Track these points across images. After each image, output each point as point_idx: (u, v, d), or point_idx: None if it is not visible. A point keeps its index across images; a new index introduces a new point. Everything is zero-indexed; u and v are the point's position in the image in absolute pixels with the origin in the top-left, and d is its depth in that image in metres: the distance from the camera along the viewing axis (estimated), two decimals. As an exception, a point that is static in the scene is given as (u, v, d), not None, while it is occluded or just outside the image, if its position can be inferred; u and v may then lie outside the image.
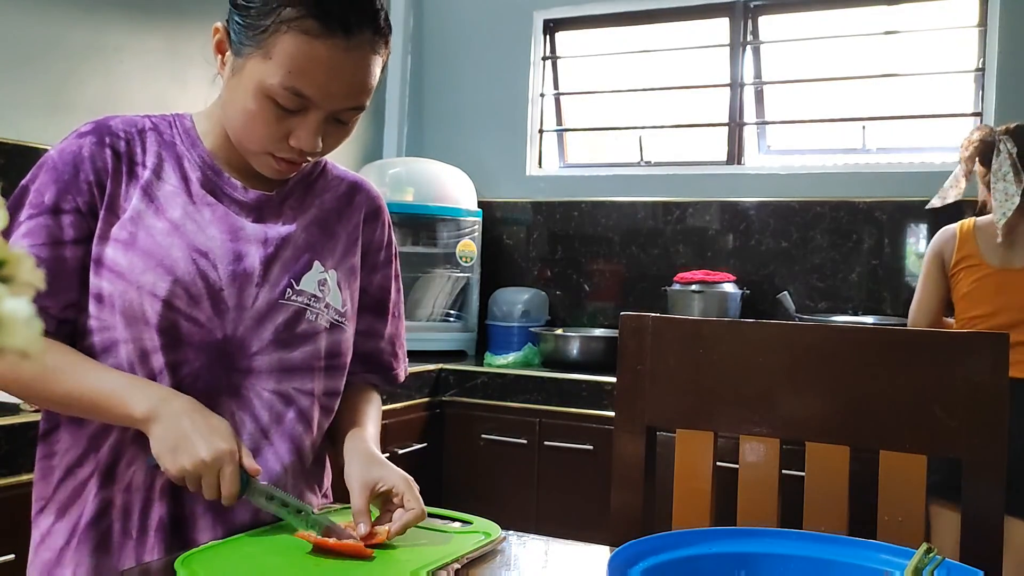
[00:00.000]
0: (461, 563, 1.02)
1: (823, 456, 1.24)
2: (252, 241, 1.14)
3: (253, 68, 1.05)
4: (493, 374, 2.91)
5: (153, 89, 2.67)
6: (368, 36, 1.05)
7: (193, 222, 1.12)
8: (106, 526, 1.10)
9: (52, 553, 1.11)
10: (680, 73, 3.50)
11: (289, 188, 1.21)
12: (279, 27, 1.02)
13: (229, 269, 1.12)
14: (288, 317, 1.15)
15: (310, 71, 1.03)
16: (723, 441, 1.31)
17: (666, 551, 0.92)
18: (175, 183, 1.14)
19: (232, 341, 1.11)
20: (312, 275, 1.18)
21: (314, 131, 1.08)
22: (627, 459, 1.33)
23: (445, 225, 3.32)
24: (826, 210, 3.12)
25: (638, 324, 1.35)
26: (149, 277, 1.08)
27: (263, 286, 1.14)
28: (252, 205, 1.17)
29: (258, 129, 1.08)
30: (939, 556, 0.85)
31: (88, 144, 1.11)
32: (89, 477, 1.10)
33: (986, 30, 2.97)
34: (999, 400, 1.15)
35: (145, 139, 1.15)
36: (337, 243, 1.23)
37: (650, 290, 3.33)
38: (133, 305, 1.07)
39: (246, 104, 1.07)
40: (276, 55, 1.03)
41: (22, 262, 0.44)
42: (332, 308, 1.20)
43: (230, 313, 1.11)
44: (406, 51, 3.72)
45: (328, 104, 1.06)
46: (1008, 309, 2.27)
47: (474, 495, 2.86)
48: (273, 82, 1.04)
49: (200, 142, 1.17)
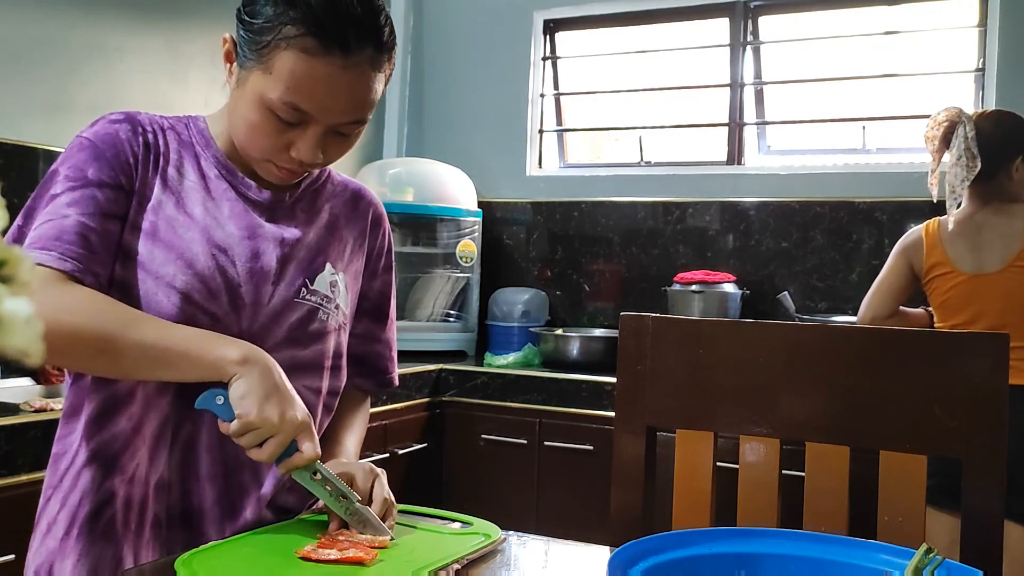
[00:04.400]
0: (461, 563, 1.02)
1: (823, 456, 1.24)
2: (269, 240, 1.16)
3: (255, 81, 1.07)
4: (493, 374, 2.91)
5: (153, 89, 2.67)
6: (368, 54, 1.06)
7: (212, 218, 1.14)
8: (109, 517, 1.09)
9: (55, 542, 1.11)
10: (680, 73, 3.50)
11: (300, 192, 1.23)
12: (279, 43, 1.04)
13: (247, 266, 1.13)
14: (302, 315, 1.17)
15: (308, 88, 1.04)
16: (723, 441, 1.31)
17: (666, 551, 0.92)
18: (194, 179, 1.15)
19: (247, 336, 1.12)
20: (325, 276, 1.20)
21: (313, 144, 1.09)
22: (627, 459, 1.33)
23: (445, 225, 3.32)
24: (826, 210, 3.12)
25: (638, 324, 1.35)
26: (169, 269, 1.08)
27: (279, 284, 1.16)
28: (266, 205, 1.18)
29: (260, 140, 1.10)
30: (939, 556, 0.85)
31: (124, 130, 1.12)
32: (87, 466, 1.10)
33: (986, 30, 2.97)
34: (999, 400, 1.15)
35: (167, 135, 1.17)
36: (345, 247, 1.26)
37: (650, 290, 3.33)
38: (149, 295, 1.08)
39: (248, 115, 1.08)
40: (276, 70, 1.04)
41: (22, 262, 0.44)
42: (341, 310, 1.22)
43: (247, 309, 1.13)
44: (406, 51, 3.72)
45: (327, 119, 1.08)
46: (986, 315, 2.22)
47: (474, 495, 2.86)
48: (272, 96, 1.05)
49: (213, 142, 1.18)
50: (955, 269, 2.28)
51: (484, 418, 2.88)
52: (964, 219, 2.31)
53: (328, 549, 1.00)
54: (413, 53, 3.75)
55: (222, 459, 1.12)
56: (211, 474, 1.12)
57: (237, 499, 1.14)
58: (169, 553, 1.08)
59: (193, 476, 1.12)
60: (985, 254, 2.26)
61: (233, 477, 1.13)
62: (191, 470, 1.12)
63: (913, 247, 2.36)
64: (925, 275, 2.34)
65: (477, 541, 1.09)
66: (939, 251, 2.31)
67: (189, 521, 1.12)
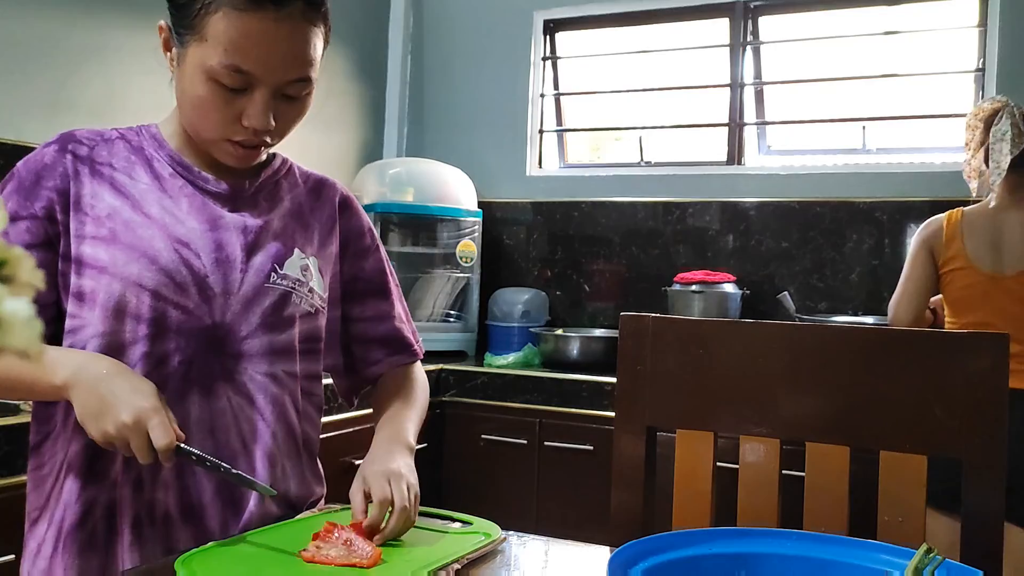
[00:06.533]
0: (461, 563, 1.02)
1: (823, 456, 1.24)
2: (231, 229, 1.17)
3: (193, 54, 1.08)
4: (493, 374, 2.91)
5: (153, 89, 2.65)
6: (300, 7, 1.07)
7: (171, 215, 1.14)
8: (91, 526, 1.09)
9: (45, 561, 1.11)
10: (680, 73, 3.50)
11: (260, 182, 1.23)
12: (208, 8, 1.05)
13: (212, 257, 1.14)
14: (275, 300, 1.17)
15: (245, 46, 1.05)
16: (723, 441, 1.31)
17: (666, 551, 0.92)
18: (147, 181, 1.16)
19: (221, 327, 1.13)
20: (294, 260, 1.20)
21: (263, 108, 1.09)
22: (627, 459, 1.33)
23: (445, 225, 3.32)
24: (826, 210, 3.12)
25: (638, 324, 1.35)
26: (134, 268, 1.09)
27: (247, 271, 1.16)
28: (226, 196, 1.19)
29: (210, 115, 1.10)
30: (939, 556, 0.85)
31: (50, 152, 1.14)
32: (68, 478, 1.10)
33: (986, 30, 2.97)
34: (999, 400, 1.15)
35: (113, 146, 1.17)
36: (312, 232, 1.26)
37: (650, 290, 3.33)
38: (118, 298, 1.08)
39: (194, 91, 1.09)
40: (211, 36, 1.06)
41: (22, 262, 0.44)
42: (315, 293, 1.22)
43: (217, 299, 1.13)
44: (406, 51, 3.72)
45: (270, 78, 1.08)
46: (1000, 318, 2.20)
47: (474, 495, 2.86)
48: (213, 63, 1.06)
49: (167, 143, 1.19)
50: (972, 266, 2.26)
51: (484, 418, 2.88)
52: (989, 214, 2.29)
53: (330, 550, 1.00)
54: (413, 53, 3.75)
55: (212, 450, 1.11)
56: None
57: (236, 489, 1.14)
58: (172, 551, 1.08)
59: (188, 470, 1.11)
60: (1005, 255, 2.24)
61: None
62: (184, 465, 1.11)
63: (934, 236, 2.33)
64: (943, 265, 2.31)
65: (477, 540, 1.09)
66: (958, 244, 2.28)
67: (191, 516, 1.11)
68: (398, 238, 3.27)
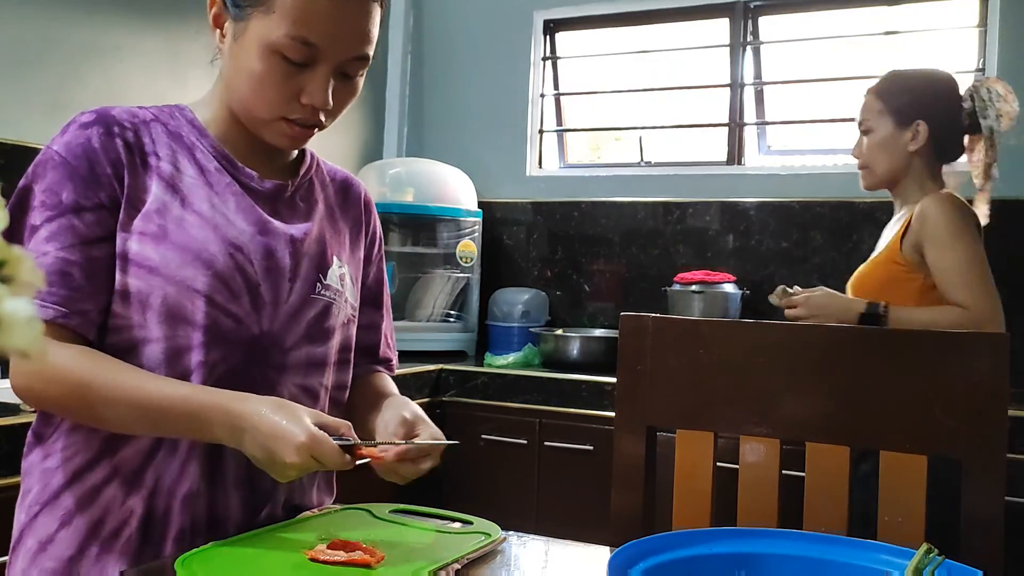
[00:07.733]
0: (461, 563, 1.02)
1: (823, 456, 1.24)
2: (279, 236, 1.14)
3: (256, 26, 1.05)
4: (493, 374, 2.90)
5: (153, 89, 2.67)
6: None
7: (221, 214, 1.10)
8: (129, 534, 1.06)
9: (58, 563, 1.06)
10: (680, 73, 3.49)
11: (298, 181, 1.21)
12: None
13: (263, 264, 1.11)
14: (318, 312, 1.16)
15: (314, 18, 1.04)
16: (723, 441, 1.31)
17: (666, 551, 0.92)
18: (193, 174, 1.11)
19: (268, 336, 1.11)
20: (334, 270, 1.19)
21: (324, 84, 1.07)
22: (627, 459, 1.33)
23: (445, 225, 3.32)
24: (826, 210, 3.12)
25: (638, 324, 1.35)
26: (188, 272, 1.05)
27: (295, 281, 1.14)
28: (269, 196, 1.16)
29: (268, 91, 1.07)
30: (939, 556, 0.85)
31: (96, 135, 1.08)
32: (105, 483, 1.07)
33: (986, 30, 2.97)
34: (999, 400, 1.15)
35: (151, 129, 1.12)
36: (344, 237, 1.25)
37: (650, 290, 3.33)
38: (172, 301, 1.05)
39: (253, 66, 1.06)
40: (279, 8, 1.04)
41: (22, 262, 0.44)
42: (349, 303, 1.21)
43: (267, 309, 1.11)
44: (406, 51, 3.72)
45: (335, 53, 1.06)
46: None
47: (474, 495, 2.86)
48: (279, 34, 1.04)
49: (207, 131, 1.15)
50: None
51: (484, 418, 2.88)
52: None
53: (336, 551, 1.00)
54: (413, 53, 3.75)
55: (246, 462, 1.06)
56: (237, 479, 1.11)
57: (260, 503, 1.13)
58: None
59: (220, 484, 1.10)
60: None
61: (257, 481, 1.11)
62: (219, 477, 1.09)
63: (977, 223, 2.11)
64: None
65: (477, 540, 1.09)
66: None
67: (214, 528, 1.09)
68: (398, 238, 3.27)
